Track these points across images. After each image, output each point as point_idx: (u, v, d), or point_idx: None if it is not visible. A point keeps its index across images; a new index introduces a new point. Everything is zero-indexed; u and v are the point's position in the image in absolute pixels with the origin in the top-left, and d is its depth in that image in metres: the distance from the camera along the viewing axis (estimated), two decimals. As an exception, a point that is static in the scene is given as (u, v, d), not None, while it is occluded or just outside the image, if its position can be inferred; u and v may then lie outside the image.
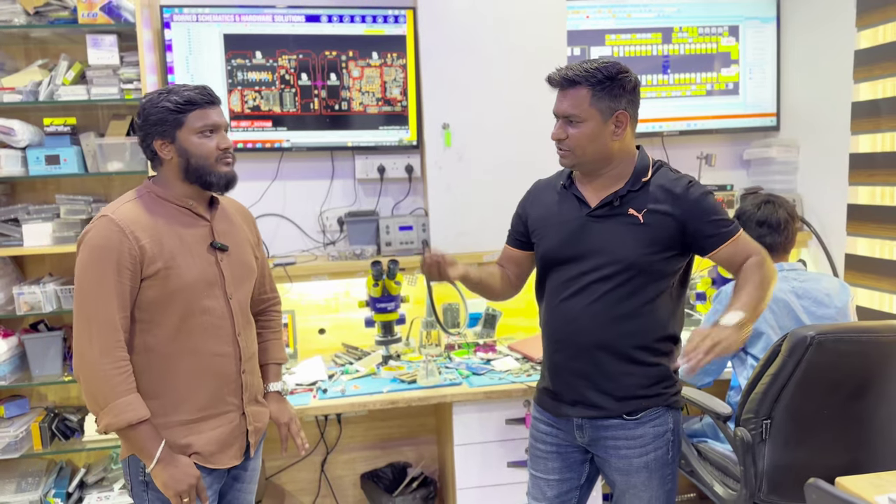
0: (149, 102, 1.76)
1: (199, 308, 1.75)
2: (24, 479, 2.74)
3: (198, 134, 1.75)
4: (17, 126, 2.57)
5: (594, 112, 1.76)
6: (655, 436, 1.87)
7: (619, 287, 1.81)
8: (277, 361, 2.07)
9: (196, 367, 1.76)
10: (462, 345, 2.99)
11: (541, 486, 2.01)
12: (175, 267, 1.71)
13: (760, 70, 3.26)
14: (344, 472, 3.16)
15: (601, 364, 1.84)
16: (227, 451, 1.83)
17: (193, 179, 1.77)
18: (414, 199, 3.14)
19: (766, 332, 2.29)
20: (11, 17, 2.56)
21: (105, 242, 1.65)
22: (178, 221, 1.77)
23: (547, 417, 1.98)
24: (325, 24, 2.92)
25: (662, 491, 1.91)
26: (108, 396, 1.64)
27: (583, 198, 1.87)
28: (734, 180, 3.30)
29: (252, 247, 1.96)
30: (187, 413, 1.76)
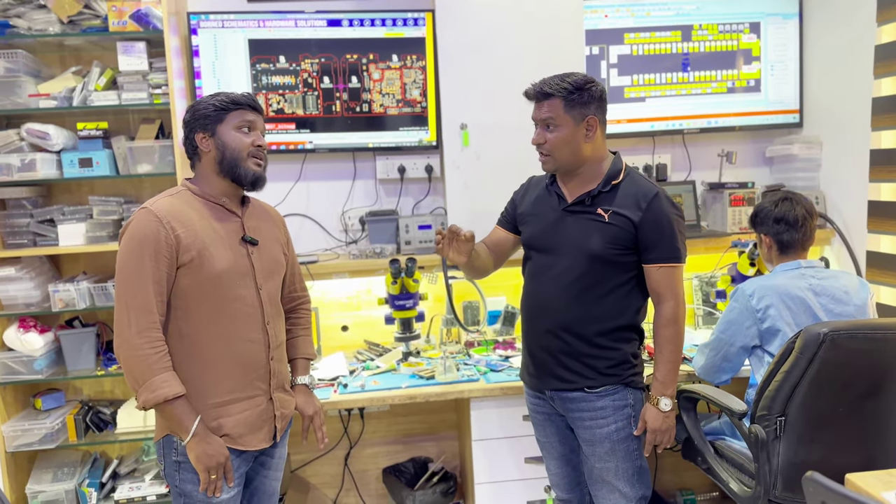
0: (199, 102, 1.93)
1: (231, 296, 1.86)
2: (59, 469, 2.85)
3: (236, 129, 1.89)
4: (52, 131, 2.68)
5: (568, 118, 2.02)
6: (615, 409, 2.09)
7: (584, 276, 2.05)
8: (306, 356, 2.18)
9: (227, 352, 1.86)
10: (481, 342, 3.03)
11: (548, 447, 2.29)
12: (208, 256, 1.82)
13: (782, 66, 3.23)
14: (367, 466, 3.22)
15: (565, 343, 2.09)
16: (256, 433, 1.92)
17: (226, 172, 1.89)
18: (434, 199, 3.19)
19: (783, 330, 2.28)
20: (46, 27, 2.67)
21: (144, 231, 1.77)
22: (212, 216, 1.89)
23: (532, 392, 2.26)
24: (346, 28, 2.98)
25: (630, 465, 2.12)
26: (145, 374, 1.74)
27: (562, 194, 2.13)
28: (756, 178, 3.28)
29: (282, 245, 2.07)
30: (217, 396, 1.85)
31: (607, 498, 2.16)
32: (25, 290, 2.73)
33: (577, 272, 2.05)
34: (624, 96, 3.16)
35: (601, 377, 2.09)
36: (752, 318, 2.32)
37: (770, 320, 2.29)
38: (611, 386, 2.09)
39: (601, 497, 2.17)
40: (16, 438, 2.72)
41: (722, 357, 2.42)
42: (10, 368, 2.71)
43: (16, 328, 2.73)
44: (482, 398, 2.59)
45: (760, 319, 2.31)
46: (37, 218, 2.79)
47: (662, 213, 2.03)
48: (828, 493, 1.22)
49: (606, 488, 2.15)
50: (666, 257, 2.05)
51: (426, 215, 3.06)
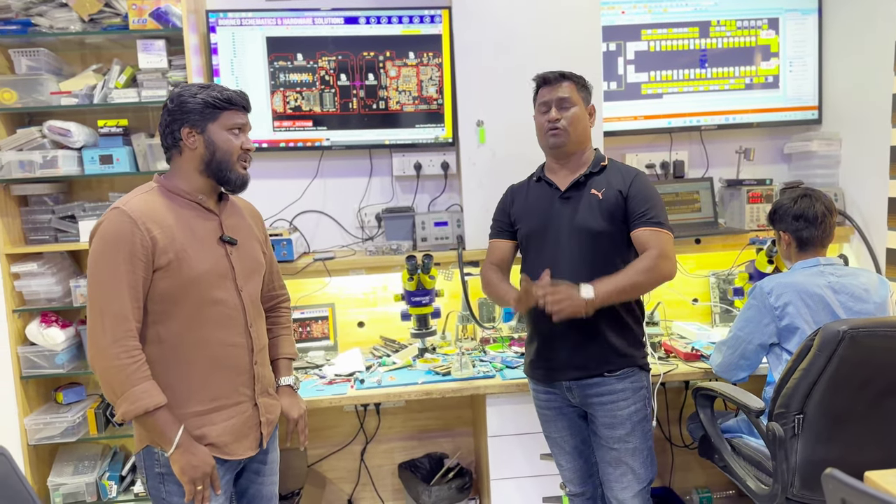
0: (187, 91, 1.81)
1: (210, 299, 1.78)
2: (80, 462, 2.89)
3: (228, 130, 1.82)
4: (74, 128, 2.71)
5: (580, 100, 2.20)
6: (633, 390, 2.17)
7: (590, 256, 2.12)
8: (288, 356, 2.11)
9: (209, 357, 1.79)
10: (497, 339, 3.03)
11: (559, 442, 2.32)
12: (186, 258, 1.74)
13: (801, 62, 3.20)
14: (382, 461, 3.24)
15: (581, 330, 2.11)
16: (242, 441, 1.85)
17: (211, 173, 1.82)
18: (450, 196, 3.20)
19: (801, 328, 2.27)
20: (68, 25, 2.70)
21: (117, 233, 1.68)
22: (189, 214, 1.80)
23: (541, 386, 2.29)
24: (363, 25, 2.99)
25: (645, 445, 2.20)
26: (123, 384, 1.66)
27: (553, 183, 2.23)
28: (774, 174, 3.26)
29: (260, 243, 2.00)
30: (200, 403, 1.78)
31: (619, 481, 2.19)
32: (47, 286, 2.77)
33: (582, 253, 2.13)
34: (641, 93, 3.15)
35: (620, 359, 2.15)
36: (771, 315, 2.31)
37: (788, 318, 2.28)
38: (628, 368, 2.16)
39: (613, 480, 2.20)
40: (38, 431, 2.76)
41: (739, 355, 2.41)
42: (32, 362, 2.75)
43: (38, 323, 2.77)
44: (498, 394, 2.59)
45: (779, 317, 2.30)
46: (58, 214, 2.82)
47: (647, 186, 2.17)
48: (848, 490, 1.21)
49: (620, 470, 2.18)
50: (654, 221, 2.12)
51: (442, 212, 3.06)
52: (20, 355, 2.75)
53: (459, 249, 2.86)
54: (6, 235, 2.74)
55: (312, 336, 3.07)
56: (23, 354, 2.75)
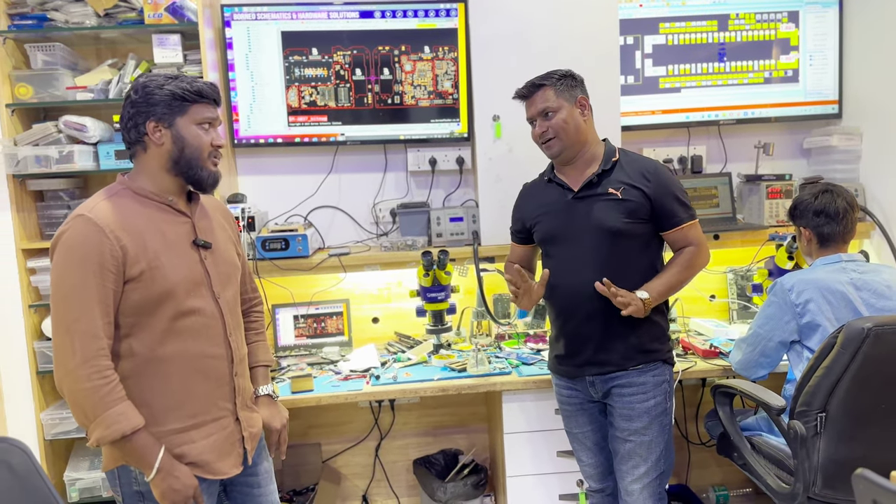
0: (152, 82, 1.66)
1: (186, 308, 1.66)
2: (96, 457, 2.88)
3: (198, 125, 1.68)
4: (89, 123, 2.71)
5: (562, 102, 2.13)
6: (655, 384, 2.16)
7: (610, 255, 2.10)
8: (265, 364, 1.98)
9: (186, 370, 1.67)
10: (512, 335, 3.01)
11: (580, 438, 2.33)
12: (160, 267, 1.62)
13: (821, 56, 3.16)
14: (397, 457, 3.23)
15: (605, 326, 2.13)
16: (225, 459, 1.74)
17: (180, 171, 1.68)
18: (465, 191, 3.18)
19: (822, 325, 2.24)
20: (83, 20, 2.70)
21: (84, 244, 1.54)
22: (159, 218, 1.67)
23: (565, 382, 2.29)
24: (379, 19, 2.97)
25: (662, 438, 2.18)
26: (96, 408, 1.54)
27: (565, 184, 2.19)
28: (793, 170, 3.22)
29: (234, 244, 1.89)
30: (178, 420, 1.67)
31: (631, 473, 2.18)
32: (63, 281, 2.76)
33: (602, 253, 2.11)
34: (659, 87, 3.12)
35: (643, 355, 2.15)
36: (792, 312, 2.28)
37: (810, 315, 2.25)
38: (652, 363, 2.16)
39: (625, 472, 2.19)
40: (54, 426, 2.76)
41: (759, 352, 2.38)
42: (48, 357, 2.75)
43: (54, 318, 2.77)
44: (514, 391, 2.57)
45: (800, 314, 2.27)
46: (74, 209, 2.81)
47: (669, 180, 2.15)
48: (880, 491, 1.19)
49: (633, 462, 2.18)
50: (686, 218, 2.15)
51: (457, 207, 3.04)
52: (36, 350, 2.75)
53: (475, 245, 2.85)
54: (22, 231, 2.74)
55: (327, 332, 3.06)
56: (39, 349, 2.75)
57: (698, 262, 2.18)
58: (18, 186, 2.74)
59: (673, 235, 2.17)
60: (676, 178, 2.19)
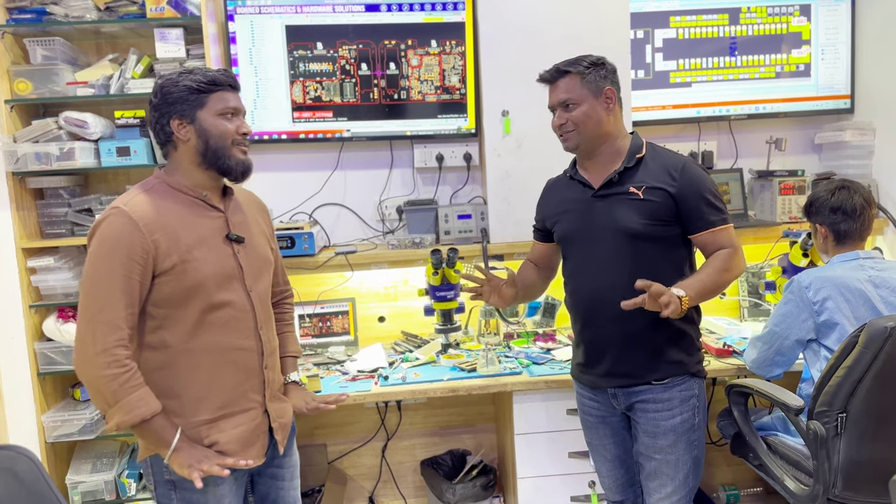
0: (168, 81, 1.70)
1: (217, 301, 1.69)
2: (99, 459, 2.84)
3: (219, 115, 1.69)
4: (90, 119, 2.65)
5: (586, 92, 1.98)
6: (682, 400, 2.03)
7: (632, 259, 1.97)
8: (293, 354, 2.02)
9: (217, 362, 1.70)
10: (521, 334, 2.97)
11: (600, 450, 2.21)
12: (192, 260, 1.65)
13: (833, 50, 3.12)
14: (404, 458, 3.18)
15: (627, 334, 2.00)
16: (249, 449, 1.75)
17: (210, 164, 1.70)
18: (472, 188, 3.13)
19: (840, 323, 2.20)
20: (83, 13, 2.64)
21: (116, 236, 1.58)
22: (193, 213, 1.70)
23: (586, 391, 2.18)
24: (385, 13, 2.92)
25: (689, 455, 2.05)
26: (117, 394, 1.57)
27: (586, 182, 2.07)
28: (805, 165, 3.17)
29: (268, 238, 1.90)
30: (208, 412, 1.70)
31: (658, 491, 2.09)
32: (64, 280, 2.71)
33: (624, 257, 1.98)
34: (669, 81, 3.07)
35: (668, 366, 2.01)
36: (809, 310, 2.24)
37: (827, 313, 2.22)
38: (678, 377, 2.02)
39: (653, 489, 2.10)
40: (55, 429, 2.71)
41: (775, 351, 2.34)
42: (49, 359, 2.70)
43: (55, 318, 2.72)
44: (525, 391, 2.53)
45: (817, 312, 2.23)
46: (74, 207, 2.77)
47: (698, 178, 1.99)
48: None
49: (659, 481, 2.07)
50: (716, 220, 1.99)
51: (465, 204, 2.99)
52: (37, 352, 2.70)
53: (484, 243, 2.80)
54: (22, 229, 2.68)
55: (333, 331, 3.01)
56: (40, 351, 2.70)
57: (735, 266, 1.97)
58: (18, 184, 2.68)
59: (702, 239, 2.00)
60: (708, 175, 2.03)
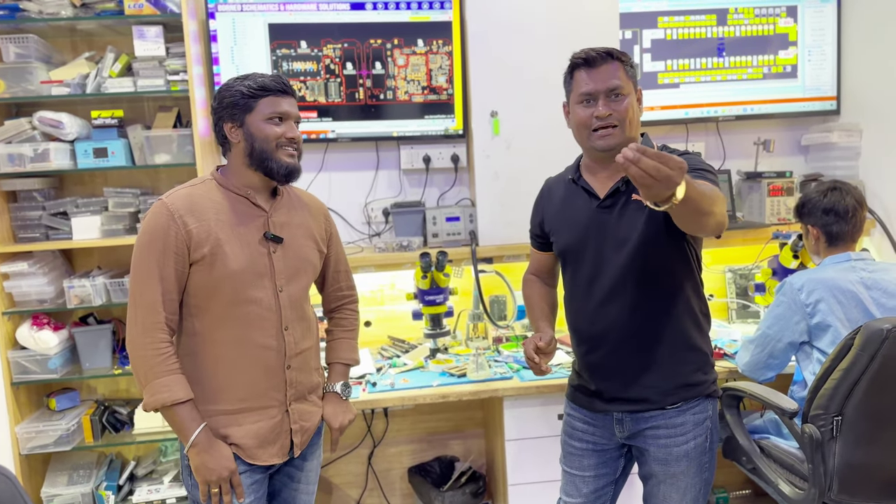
0: (225, 87, 1.79)
1: (245, 297, 1.74)
2: (75, 471, 2.75)
3: (266, 120, 1.75)
4: (66, 119, 2.57)
5: (630, 85, 1.78)
6: (695, 423, 1.85)
7: (637, 272, 1.78)
8: (344, 361, 2.03)
9: (239, 356, 1.74)
10: (510, 338, 2.93)
11: (576, 482, 1.99)
12: (221, 254, 1.71)
13: (820, 52, 3.12)
14: (391, 465, 3.13)
15: (638, 357, 1.82)
16: (267, 447, 1.78)
17: (257, 165, 1.77)
18: (459, 190, 3.08)
19: (833, 325, 2.19)
20: (59, 10, 2.55)
21: (154, 226, 1.69)
22: (233, 209, 1.76)
23: (583, 414, 1.96)
24: (370, 11, 2.86)
25: (700, 479, 1.89)
26: (147, 375, 1.66)
27: (592, 190, 1.85)
28: (791, 167, 3.17)
29: (317, 241, 1.92)
30: (227, 403, 1.75)
31: None
32: (39, 286, 2.62)
33: (632, 273, 1.78)
34: (657, 82, 3.05)
35: (684, 389, 1.83)
36: (801, 313, 2.23)
37: (820, 315, 2.20)
38: (693, 399, 1.85)
39: None
40: (30, 440, 2.62)
41: (768, 354, 2.33)
42: (23, 367, 2.60)
43: (29, 326, 2.63)
44: (516, 397, 2.49)
45: (810, 314, 2.22)
46: (49, 210, 2.68)
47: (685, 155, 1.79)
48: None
49: None
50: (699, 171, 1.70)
51: (453, 206, 2.95)
52: (10, 360, 2.60)
53: (473, 246, 2.76)
54: (-6, 233, 2.59)
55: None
56: (13, 359, 2.60)
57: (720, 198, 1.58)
58: (-10, 186, 2.59)
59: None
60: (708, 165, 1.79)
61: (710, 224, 1.54)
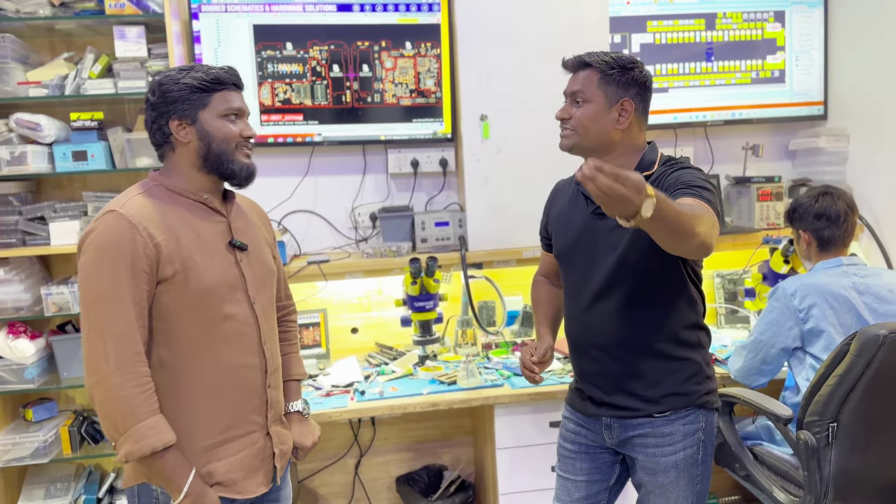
0: (168, 78, 1.57)
1: (221, 314, 1.56)
2: (52, 484, 2.67)
3: (222, 117, 1.58)
4: (44, 121, 2.49)
5: (600, 94, 1.75)
6: (685, 434, 1.82)
7: (624, 280, 1.77)
8: (297, 378, 1.87)
9: (217, 382, 1.57)
10: (500, 344, 2.89)
11: (568, 487, 1.97)
12: (193, 267, 1.53)
13: (807, 57, 3.13)
14: (378, 474, 3.07)
15: (626, 364, 1.81)
16: (252, 476, 1.62)
17: (212, 168, 1.59)
18: (448, 194, 3.04)
19: (826, 331, 2.18)
20: (36, 9, 2.49)
21: (116, 241, 1.46)
22: (194, 217, 1.58)
23: (577, 417, 1.95)
24: (358, 13, 2.82)
25: (691, 491, 1.85)
26: (128, 420, 1.43)
27: (589, 196, 1.80)
28: (779, 171, 3.16)
29: (270, 247, 1.79)
30: (207, 437, 1.56)
31: None
32: (15, 294, 2.54)
33: (621, 282, 1.77)
34: (647, 87, 3.04)
35: (671, 398, 1.80)
36: (795, 318, 2.22)
37: (813, 321, 2.20)
38: (683, 409, 1.81)
39: None
40: (5, 453, 2.53)
41: (761, 360, 2.32)
42: (-3, 378, 2.53)
43: (4, 334, 2.54)
44: (507, 405, 2.45)
45: (803, 320, 2.21)
46: (26, 215, 2.60)
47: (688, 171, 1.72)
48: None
49: None
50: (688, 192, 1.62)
51: (442, 211, 2.91)
52: (-16, 371, 2.52)
53: (463, 251, 2.72)
54: (-32, 239, 2.50)
55: (303, 344, 2.87)
56: (-14, 370, 2.52)
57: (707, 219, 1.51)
58: (-36, 191, 2.50)
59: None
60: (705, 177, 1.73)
61: (690, 246, 1.49)
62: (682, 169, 1.76)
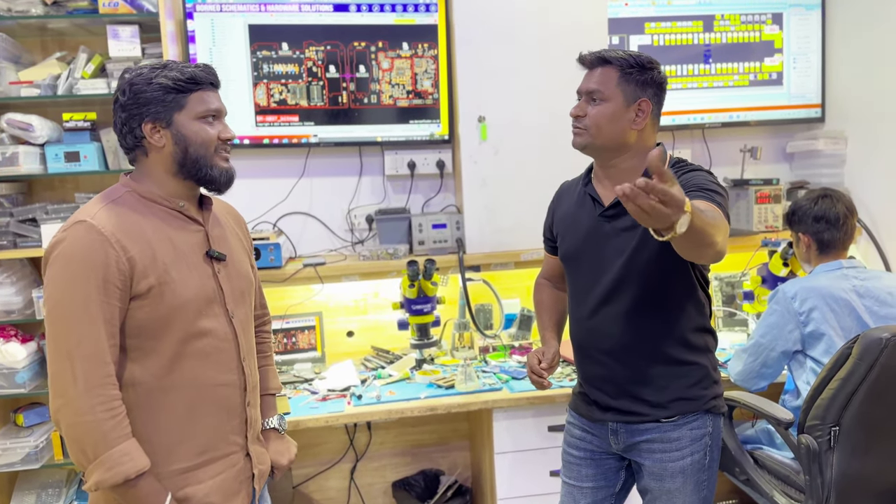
0: (139, 77, 1.46)
1: (197, 330, 1.47)
2: (44, 490, 2.63)
3: (199, 119, 1.48)
4: (36, 122, 2.46)
5: (618, 93, 1.72)
6: (693, 439, 1.79)
7: (631, 284, 1.74)
8: (273, 392, 1.77)
9: (194, 401, 1.47)
10: (497, 347, 2.87)
11: (574, 493, 1.94)
12: (170, 282, 1.43)
13: (805, 59, 3.13)
14: (374, 479, 3.04)
15: (633, 368, 1.79)
16: (232, 500, 1.53)
17: (188, 174, 1.49)
18: (445, 196, 3.02)
19: (827, 334, 2.17)
20: (28, 8, 2.45)
21: (86, 254, 1.36)
22: (169, 226, 1.48)
23: (581, 422, 1.93)
24: (354, 13, 2.80)
25: (697, 497, 1.83)
26: (98, 446, 1.33)
27: (597, 198, 1.82)
28: (777, 174, 3.16)
29: (248, 254, 1.70)
30: (185, 459, 1.47)
31: None
32: (6, 297, 2.50)
33: (627, 287, 1.75)
34: (645, 88, 3.03)
35: (679, 403, 1.78)
36: (795, 321, 2.21)
37: (814, 324, 2.19)
38: (690, 414, 1.79)
39: None
40: (-5, 458, 2.49)
41: (761, 363, 2.30)
42: (-13, 383, 2.48)
43: (-5, 338, 2.51)
44: (506, 408, 2.42)
45: (803, 323, 2.20)
46: (17, 217, 2.55)
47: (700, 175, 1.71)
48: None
49: None
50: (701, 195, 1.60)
51: (439, 213, 2.89)
52: (-26, 375, 2.47)
53: (460, 253, 2.70)
54: (-42, 241, 2.46)
55: (298, 347, 2.85)
56: (-24, 374, 2.47)
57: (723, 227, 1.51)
58: (-46, 192, 2.46)
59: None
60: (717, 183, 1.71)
61: (708, 254, 1.48)
62: (693, 171, 1.74)
